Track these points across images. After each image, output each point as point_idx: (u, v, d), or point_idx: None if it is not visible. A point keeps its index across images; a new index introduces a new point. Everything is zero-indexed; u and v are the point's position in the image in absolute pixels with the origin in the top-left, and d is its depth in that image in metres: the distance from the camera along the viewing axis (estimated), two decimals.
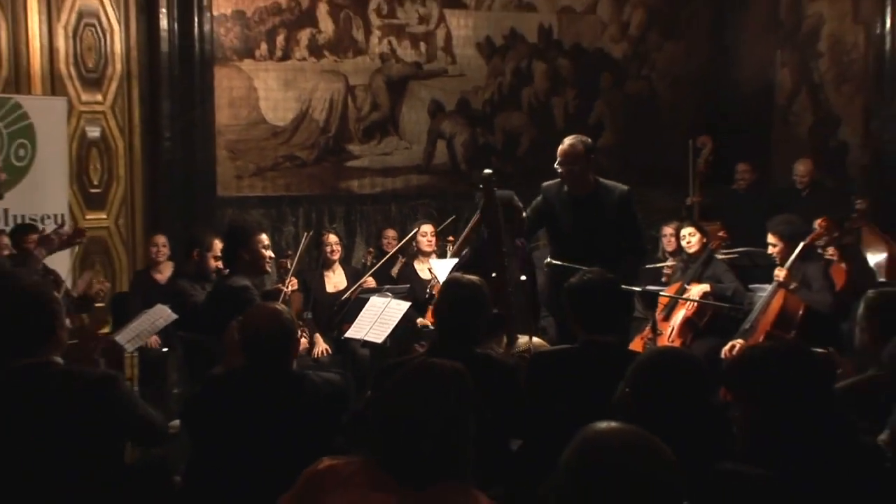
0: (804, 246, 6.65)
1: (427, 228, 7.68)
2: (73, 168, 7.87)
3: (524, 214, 5.76)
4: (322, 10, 8.57)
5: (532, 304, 5.50)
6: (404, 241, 7.85)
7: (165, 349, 6.88)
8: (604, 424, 2.02)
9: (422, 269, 7.59)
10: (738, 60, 9.72)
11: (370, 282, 7.43)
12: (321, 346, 7.06)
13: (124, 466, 3.76)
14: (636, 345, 6.18)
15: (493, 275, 5.17)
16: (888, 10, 8.33)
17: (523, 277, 5.46)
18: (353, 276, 7.65)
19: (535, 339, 5.09)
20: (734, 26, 9.75)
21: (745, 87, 9.64)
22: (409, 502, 2.46)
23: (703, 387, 2.88)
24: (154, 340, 6.75)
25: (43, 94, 7.77)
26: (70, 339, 4.24)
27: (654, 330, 6.31)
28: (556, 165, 5.88)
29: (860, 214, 7.68)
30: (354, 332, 6.61)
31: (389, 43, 8.83)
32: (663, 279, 7.44)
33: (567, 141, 5.99)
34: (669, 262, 7.50)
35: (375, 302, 6.66)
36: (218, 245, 6.20)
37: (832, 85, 8.93)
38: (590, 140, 6.02)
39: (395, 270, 7.76)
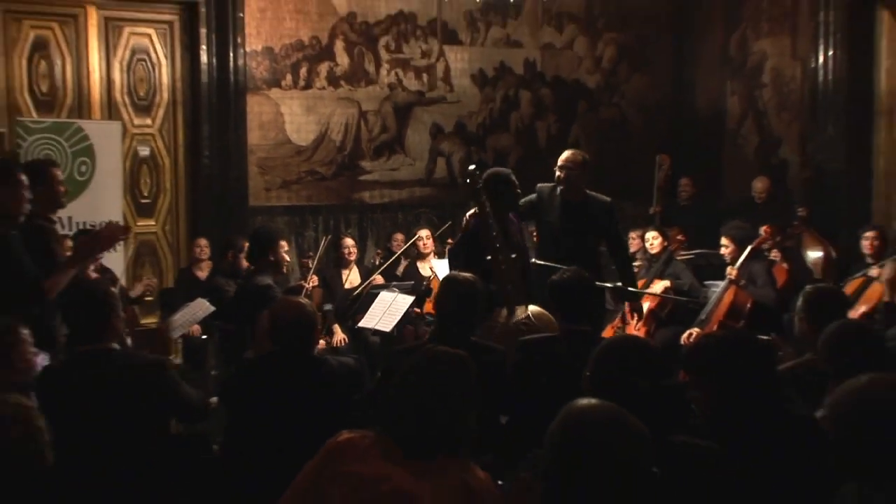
0: (752, 248, 6.66)
1: (424, 233, 7.68)
2: (127, 182, 7.89)
3: (518, 191, 5.65)
4: (339, 46, 8.57)
5: (523, 277, 5.39)
6: (408, 244, 7.85)
7: (205, 336, 6.89)
8: (584, 401, 2.02)
9: (423, 267, 7.59)
10: (695, 90, 9.74)
11: (379, 279, 7.43)
12: (339, 336, 7.05)
13: (170, 437, 3.77)
14: (608, 333, 6.18)
15: (488, 257, 5.15)
16: (821, 48, 8.33)
17: (514, 255, 5.40)
18: (365, 274, 7.66)
19: (532, 308, 5.03)
20: (691, 61, 9.76)
21: (700, 114, 9.67)
22: (417, 472, 2.46)
23: (653, 368, 2.86)
24: (196, 329, 6.76)
25: (101, 119, 7.79)
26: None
27: (623, 320, 6.32)
28: (556, 169, 5.77)
29: (801, 221, 7.70)
30: (366, 322, 6.62)
31: (396, 74, 8.83)
32: None
33: (570, 151, 5.96)
34: (637, 264, 7.50)
35: (384, 296, 6.67)
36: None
37: (774, 111, 8.93)
38: (588, 156, 5.99)
39: (400, 269, 7.76)
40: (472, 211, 5.73)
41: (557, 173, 5.76)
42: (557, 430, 1.97)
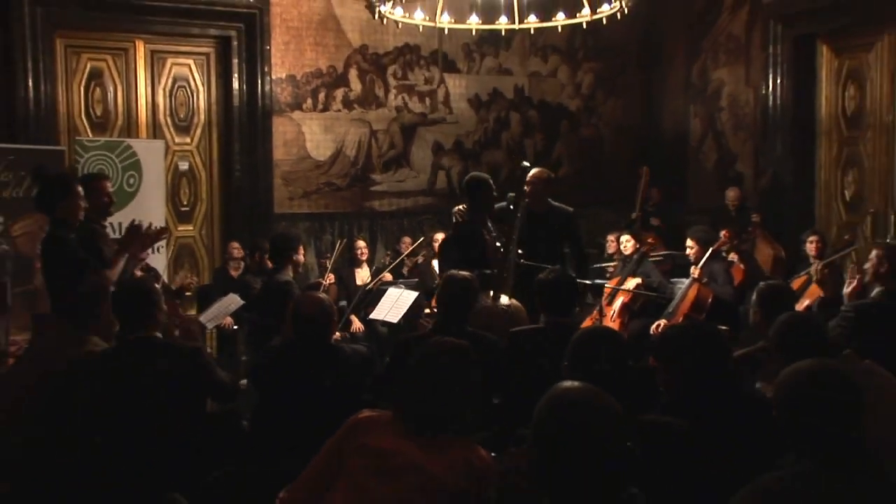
0: (713, 250, 6.64)
1: (440, 236, 7.63)
2: (169, 192, 7.87)
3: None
4: (353, 74, 8.56)
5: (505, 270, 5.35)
6: (414, 245, 7.84)
7: (236, 327, 6.88)
8: (568, 383, 2.01)
9: (437, 265, 7.54)
10: (662, 113, 9.73)
11: (387, 276, 7.42)
12: (357, 325, 7.07)
13: (206, 415, 3.76)
14: (587, 324, 6.17)
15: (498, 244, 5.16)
16: (770, 77, 8.33)
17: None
18: (375, 272, 7.65)
19: (513, 301, 5.01)
20: (658, 88, 9.75)
21: (667, 133, 9.66)
22: (425, 446, 2.49)
23: (619, 355, 2.85)
24: (228, 321, 6.74)
25: (147, 138, 7.79)
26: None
27: (601, 313, 6.30)
28: (525, 185, 5.74)
29: (755, 226, 7.70)
30: (376, 314, 6.60)
31: (403, 98, 8.82)
32: (607, 274, 7.43)
33: (537, 169, 5.95)
34: (613, 263, 7.50)
35: (392, 292, 6.66)
36: None
37: (731, 131, 8.93)
38: (552, 174, 5.98)
39: (405, 269, 7.75)
40: (459, 207, 5.72)
41: (525, 187, 5.72)
42: (543, 409, 1.95)
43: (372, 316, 6.69)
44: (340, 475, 2.54)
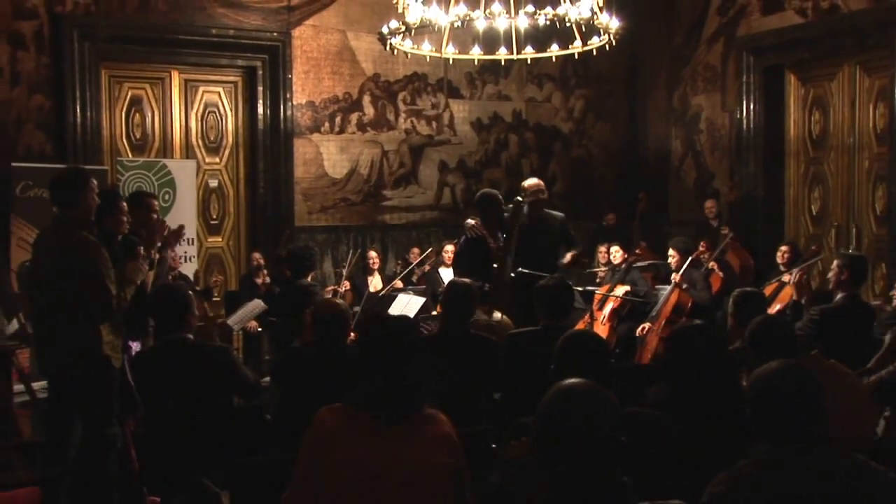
0: (692, 259, 6.65)
1: (450, 248, 7.64)
2: (200, 207, 7.90)
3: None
4: (366, 100, 8.58)
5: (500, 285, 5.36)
6: (423, 255, 7.85)
7: (260, 329, 6.89)
8: (570, 381, 1.98)
9: (445, 274, 7.53)
10: (646, 135, 9.73)
11: (398, 283, 7.43)
12: None
13: (233, 409, 3.76)
14: (579, 327, 6.17)
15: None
16: (743, 103, 8.33)
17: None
18: (387, 279, 7.65)
19: (504, 318, 5.01)
20: (643, 113, 9.76)
21: (650, 153, 9.66)
22: (396, 436, 2.29)
23: (603, 358, 2.84)
24: (252, 325, 6.75)
25: (181, 158, 7.81)
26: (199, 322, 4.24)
27: (592, 317, 6.30)
28: (523, 194, 5.73)
29: (725, 238, 7.69)
30: None
31: (411, 122, 8.83)
32: (597, 280, 7.44)
33: (532, 179, 5.97)
34: (603, 269, 7.50)
35: (401, 298, 6.66)
36: None
37: (708, 152, 8.93)
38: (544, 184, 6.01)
39: (415, 276, 7.75)
40: (470, 220, 5.72)
41: (523, 196, 5.69)
42: (548, 401, 1.93)
43: None
44: (324, 493, 2.25)
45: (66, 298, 3.71)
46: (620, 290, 6.77)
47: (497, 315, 4.92)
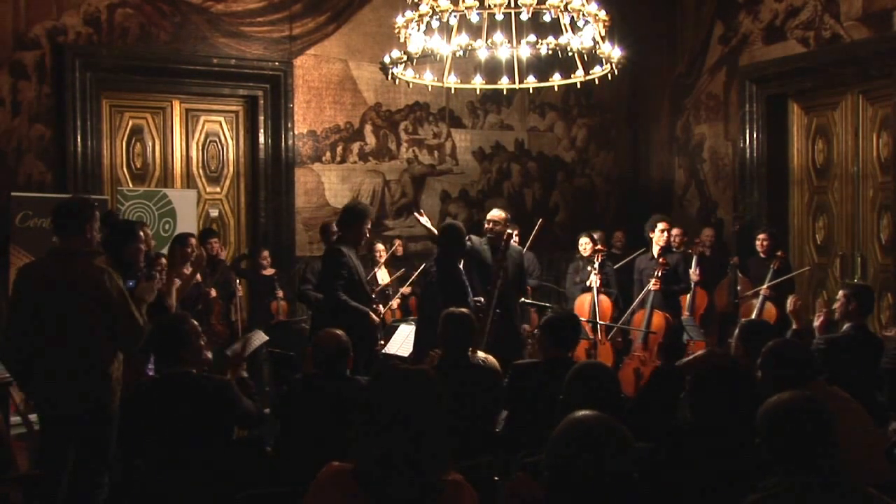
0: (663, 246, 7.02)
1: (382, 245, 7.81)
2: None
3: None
4: (368, 129, 8.64)
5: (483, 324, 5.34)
6: (417, 273, 7.74)
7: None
8: (582, 413, 1.95)
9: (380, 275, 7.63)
10: (649, 164, 9.79)
11: (406, 290, 7.58)
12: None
13: (233, 441, 3.74)
14: (580, 352, 6.16)
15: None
16: (747, 132, 8.40)
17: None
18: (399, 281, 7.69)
19: (488, 357, 5.00)
20: (645, 142, 9.82)
21: (653, 183, 9.70)
22: None
23: (614, 388, 2.82)
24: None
25: (181, 188, 7.85)
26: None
27: (594, 346, 6.28)
28: (488, 227, 5.88)
29: (733, 266, 7.69)
30: (389, 348, 6.58)
31: (413, 151, 8.89)
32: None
33: (497, 209, 6.03)
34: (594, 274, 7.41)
35: (403, 329, 6.64)
36: None
37: (712, 181, 8.97)
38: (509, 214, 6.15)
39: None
40: (430, 264, 5.74)
41: (490, 226, 5.83)
42: (561, 434, 1.91)
43: (385, 351, 6.67)
44: None
45: (83, 331, 3.73)
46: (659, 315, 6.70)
47: (481, 354, 4.92)
